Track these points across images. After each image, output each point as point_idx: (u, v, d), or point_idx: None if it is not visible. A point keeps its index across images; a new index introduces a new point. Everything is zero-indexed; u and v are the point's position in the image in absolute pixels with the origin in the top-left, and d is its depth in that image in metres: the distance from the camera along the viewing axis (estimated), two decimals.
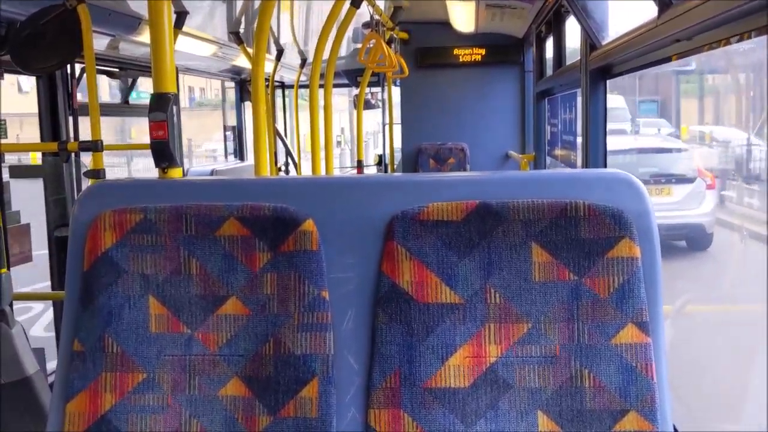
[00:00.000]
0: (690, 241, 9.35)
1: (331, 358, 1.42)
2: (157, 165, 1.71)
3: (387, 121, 8.94)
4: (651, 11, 2.48)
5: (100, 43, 4.40)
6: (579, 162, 4.39)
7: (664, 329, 1.42)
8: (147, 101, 1.82)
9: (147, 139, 1.95)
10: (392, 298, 1.42)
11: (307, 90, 4.34)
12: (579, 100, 4.18)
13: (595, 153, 3.91)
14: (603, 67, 3.69)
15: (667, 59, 2.71)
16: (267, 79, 6.93)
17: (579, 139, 4.40)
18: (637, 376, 1.36)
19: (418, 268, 1.42)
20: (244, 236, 1.45)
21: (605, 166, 4.01)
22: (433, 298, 1.41)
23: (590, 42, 3.80)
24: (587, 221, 1.39)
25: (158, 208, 1.46)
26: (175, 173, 1.73)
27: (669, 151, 10.90)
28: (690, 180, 9.56)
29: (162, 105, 1.66)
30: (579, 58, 4.12)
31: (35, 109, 4.55)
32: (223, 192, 1.50)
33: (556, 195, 1.41)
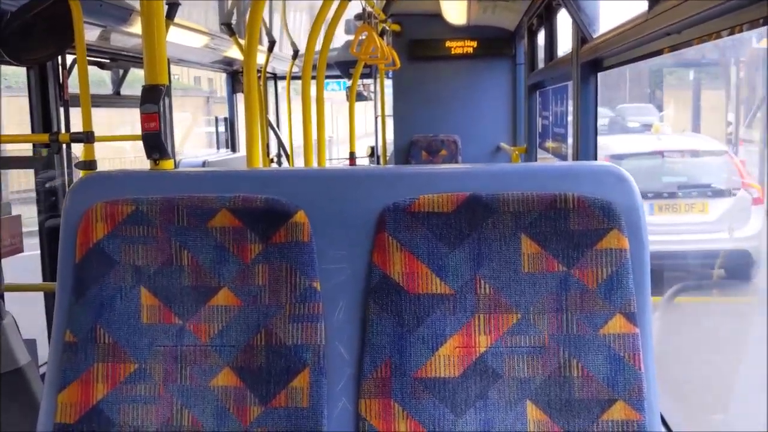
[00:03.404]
0: (731, 272, 6.76)
1: (322, 349, 1.43)
2: (148, 156, 1.71)
3: (379, 113, 8.94)
4: (641, 5, 2.49)
5: (91, 34, 4.38)
6: (570, 154, 4.41)
7: (651, 320, 1.44)
8: (139, 92, 1.82)
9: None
10: (383, 289, 1.43)
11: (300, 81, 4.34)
12: (570, 92, 4.19)
13: (586, 145, 3.92)
14: (594, 60, 3.70)
15: (658, 52, 2.72)
16: (259, 71, 6.92)
17: (570, 131, 4.42)
18: (625, 365, 1.38)
19: (409, 259, 1.43)
20: (236, 227, 1.46)
21: (596, 159, 4.03)
22: (423, 289, 1.42)
23: (581, 35, 3.81)
24: (576, 213, 1.40)
25: (150, 199, 1.47)
26: (167, 165, 1.73)
27: (703, 154, 8.41)
28: (731, 192, 7.39)
29: (154, 97, 1.66)
30: (570, 51, 4.14)
31: None
32: (215, 183, 1.51)
33: (546, 187, 1.43)
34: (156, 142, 1.71)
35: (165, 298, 1.46)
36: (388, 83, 8.86)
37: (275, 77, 9.44)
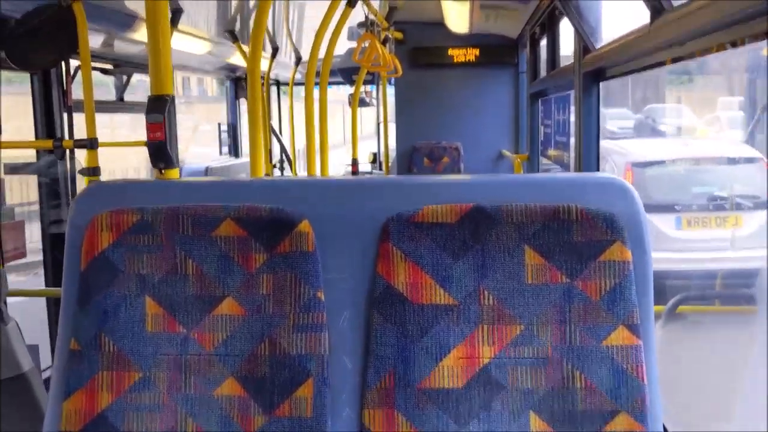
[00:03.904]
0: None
1: (326, 359, 1.44)
2: (154, 165, 1.72)
3: (381, 119, 8.96)
4: (644, 17, 2.50)
5: (95, 40, 4.40)
6: (572, 165, 4.41)
7: (654, 331, 1.44)
8: (143, 99, 1.83)
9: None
10: (387, 299, 1.44)
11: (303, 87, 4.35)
12: (572, 102, 4.20)
13: (588, 155, 3.93)
14: (596, 70, 3.71)
15: (662, 63, 2.73)
16: (262, 77, 6.94)
17: (572, 140, 4.42)
18: (628, 377, 1.38)
19: (413, 269, 1.44)
20: (241, 237, 1.46)
21: (598, 169, 4.03)
22: (427, 300, 1.43)
23: (583, 45, 3.82)
24: (579, 225, 1.41)
25: (155, 208, 1.47)
26: (172, 174, 1.74)
27: (735, 161, 7.47)
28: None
29: (159, 107, 1.68)
30: (572, 60, 4.15)
31: None
32: (219, 193, 1.51)
33: (549, 198, 1.43)
34: (162, 152, 1.72)
35: (169, 307, 1.46)
36: (391, 90, 8.88)
37: (278, 84, 9.46)
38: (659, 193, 7.38)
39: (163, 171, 1.70)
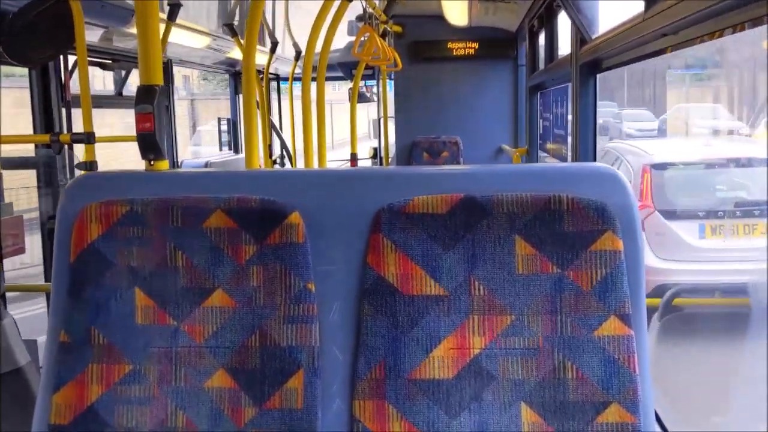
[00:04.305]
0: None
1: (316, 350, 1.44)
2: (143, 157, 1.72)
3: (381, 114, 8.94)
4: (640, 6, 2.49)
5: (93, 34, 4.39)
6: (569, 156, 4.41)
7: (645, 321, 1.44)
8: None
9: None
10: (378, 290, 1.43)
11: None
12: (569, 94, 4.19)
13: (585, 147, 3.92)
14: (593, 61, 3.70)
15: (657, 53, 2.72)
16: (261, 72, 6.93)
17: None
18: (619, 368, 1.38)
19: (404, 260, 1.43)
20: (231, 228, 1.46)
21: (595, 161, 4.02)
22: (418, 291, 1.43)
23: (580, 36, 3.81)
24: (571, 214, 1.40)
25: (144, 200, 1.47)
26: (162, 165, 1.74)
27: (762, 162, 6.94)
28: None
29: (148, 97, 1.67)
30: (570, 52, 4.13)
31: None
32: (210, 184, 1.51)
33: (541, 188, 1.43)
34: (151, 143, 1.71)
35: (160, 299, 1.46)
36: (390, 85, 8.87)
37: (278, 78, 9.45)
38: (680, 197, 6.92)
39: (152, 162, 1.69)
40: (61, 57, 4.28)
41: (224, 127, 8.70)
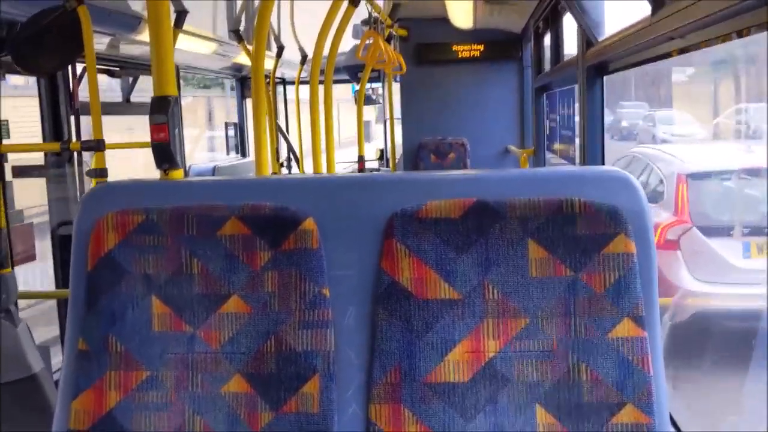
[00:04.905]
0: None
1: (332, 355, 1.45)
2: (158, 167, 1.73)
3: (388, 116, 8.96)
4: (646, 8, 2.50)
5: (100, 42, 4.42)
6: (577, 158, 4.41)
7: (659, 323, 1.45)
8: (148, 100, 1.84)
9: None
10: (392, 294, 1.44)
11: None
12: (576, 95, 4.20)
13: (593, 149, 3.92)
14: (599, 63, 3.70)
15: (666, 55, 2.73)
16: (268, 76, 6.96)
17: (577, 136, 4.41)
18: (634, 369, 1.39)
19: (417, 265, 1.44)
20: (245, 235, 1.47)
21: (603, 163, 4.02)
22: (432, 295, 1.44)
23: (586, 39, 3.82)
24: (583, 218, 1.41)
25: (160, 209, 1.48)
26: (177, 174, 1.76)
27: None
28: None
29: (163, 107, 1.68)
30: (576, 54, 4.14)
31: None
32: (223, 192, 1.52)
33: (553, 192, 1.44)
34: (166, 152, 1.73)
35: (176, 307, 1.47)
36: (396, 87, 8.89)
37: (284, 82, 9.49)
38: (721, 211, 6.19)
39: (167, 172, 1.71)
40: (69, 65, 4.30)
41: (231, 132, 8.73)
